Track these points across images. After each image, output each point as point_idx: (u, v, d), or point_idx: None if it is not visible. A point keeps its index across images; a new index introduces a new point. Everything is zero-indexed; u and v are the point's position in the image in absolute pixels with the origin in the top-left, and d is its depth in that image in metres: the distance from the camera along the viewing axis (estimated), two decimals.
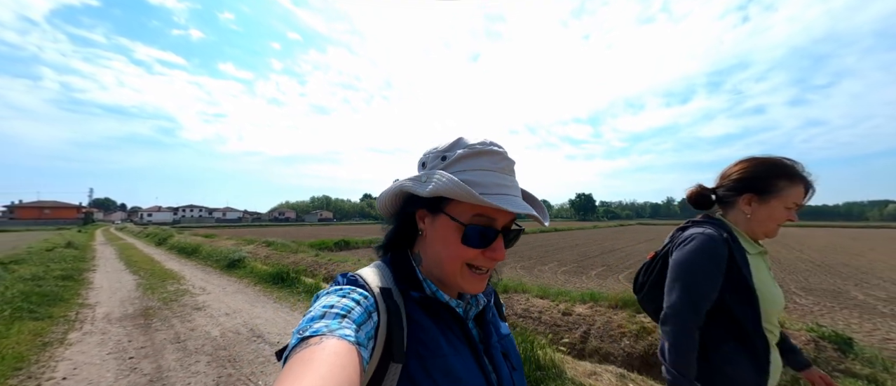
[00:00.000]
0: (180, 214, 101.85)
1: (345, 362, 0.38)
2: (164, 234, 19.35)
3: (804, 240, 24.74)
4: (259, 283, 6.92)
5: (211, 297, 5.91)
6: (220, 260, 9.60)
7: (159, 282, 7.26)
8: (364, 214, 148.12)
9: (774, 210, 1.04)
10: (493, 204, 0.52)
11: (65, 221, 72.28)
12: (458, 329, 0.58)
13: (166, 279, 7.57)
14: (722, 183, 1.15)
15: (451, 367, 0.53)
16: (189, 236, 17.89)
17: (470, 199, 0.52)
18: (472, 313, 0.63)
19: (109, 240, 21.53)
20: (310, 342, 0.39)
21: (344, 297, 0.49)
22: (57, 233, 27.29)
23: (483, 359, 0.59)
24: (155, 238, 18.76)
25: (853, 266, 11.74)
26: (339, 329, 0.42)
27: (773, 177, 1.04)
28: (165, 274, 8.31)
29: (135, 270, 8.93)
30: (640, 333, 4.55)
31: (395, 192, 0.61)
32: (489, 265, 0.58)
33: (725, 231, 1.06)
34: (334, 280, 0.56)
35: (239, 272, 8.13)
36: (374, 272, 0.58)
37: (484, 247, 0.56)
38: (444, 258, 0.57)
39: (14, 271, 7.20)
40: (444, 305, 0.58)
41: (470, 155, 0.57)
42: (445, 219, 0.57)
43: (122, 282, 7.41)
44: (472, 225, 0.55)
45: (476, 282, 0.58)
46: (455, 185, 0.52)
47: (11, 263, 8.20)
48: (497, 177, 0.57)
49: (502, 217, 0.57)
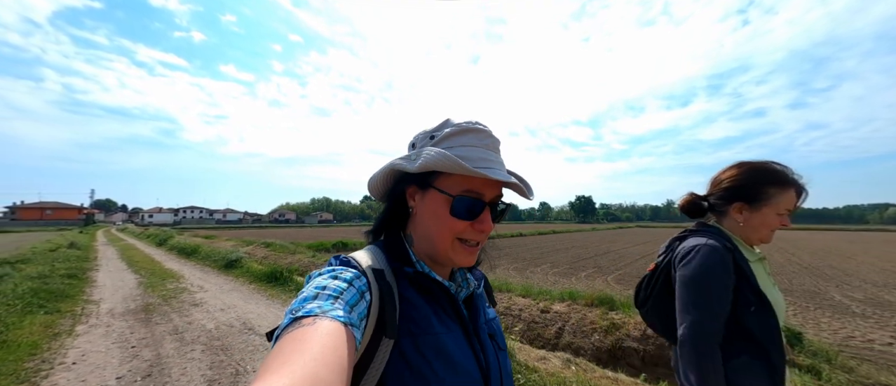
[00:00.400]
0: (181, 215, 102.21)
1: (337, 343, 0.38)
2: (164, 235, 19.73)
3: (800, 243, 24.99)
4: (254, 281, 7.27)
5: (208, 294, 6.26)
6: (218, 260, 9.95)
7: (159, 281, 7.61)
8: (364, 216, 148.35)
9: (766, 217, 1.03)
10: (480, 173, 0.54)
11: (66, 222, 72.71)
12: (449, 308, 0.59)
13: (166, 278, 7.93)
14: (713, 190, 1.14)
15: (443, 344, 0.54)
16: (189, 237, 18.27)
17: (458, 169, 0.54)
18: (463, 294, 0.64)
19: (111, 241, 21.92)
20: (303, 323, 0.39)
21: (336, 278, 0.49)
22: (58, 234, 27.67)
23: (473, 338, 0.60)
24: (155, 239, 19.14)
25: (840, 268, 11.98)
26: (331, 310, 0.42)
27: (763, 184, 1.03)
28: (165, 273, 8.66)
29: (136, 270, 9.28)
30: (610, 329, 4.88)
31: (386, 171, 0.63)
32: (478, 238, 0.59)
33: (725, 240, 1.04)
34: (328, 262, 0.57)
35: (236, 272, 8.48)
36: (367, 254, 0.59)
37: (472, 219, 0.58)
38: (434, 232, 0.59)
39: (21, 270, 7.55)
40: (437, 283, 0.59)
41: (457, 132, 0.60)
42: (435, 193, 0.58)
43: (124, 280, 7.76)
44: (460, 196, 0.57)
45: (466, 255, 0.59)
46: (443, 158, 0.54)
47: (18, 263, 8.55)
48: (483, 152, 0.59)
49: (489, 191, 0.59)
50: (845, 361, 4.05)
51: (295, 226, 79.18)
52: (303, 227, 70.63)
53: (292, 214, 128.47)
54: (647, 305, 1.18)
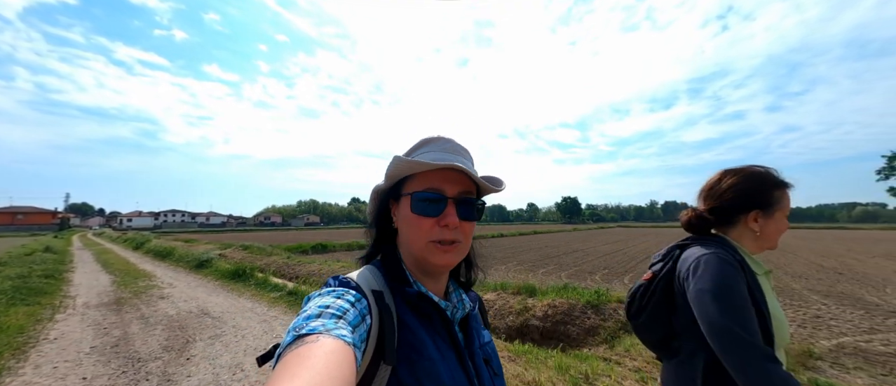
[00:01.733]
0: (162, 218, 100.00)
1: (341, 361, 0.37)
2: (141, 238, 20.04)
3: (792, 244, 23.30)
4: (220, 279, 8.08)
5: (175, 289, 7.06)
6: (191, 261, 10.64)
7: (132, 279, 8.32)
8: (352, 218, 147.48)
9: (779, 222, 1.02)
10: (427, 161, 0.56)
11: (39, 227, 70.37)
12: (444, 333, 0.60)
13: (139, 277, 8.64)
14: (716, 203, 1.07)
15: (438, 372, 0.54)
16: (166, 241, 18.67)
17: (410, 166, 0.58)
18: (459, 316, 0.65)
19: (86, 245, 22.04)
20: (306, 340, 0.39)
21: (339, 298, 0.50)
22: (32, 239, 27.37)
23: (468, 363, 0.60)
24: (132, 243, 19.47)
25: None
26: (335, 329, 0.42)
27: (773, 188, 1.02)
28: (138, 273, 9.35)
29: (110, 271, 9.91)
30: (522, 311, 5.86)
31: (372, 196, 0.67)
32: (448, 235, 0.59)
33: (732, 251, 0.99)
34: (325, 282, 0.56)
35: (205, 271, 9.23)
36: (366, 275, 0.59)
37: (435, 215, 0.59)
38: (410, 237, 0.60)
39: (0, 271, 8.10)
40: (435, 306, 0.60)
41: (420, 144, 0.65)
42: (404, 199, 0.61)
43: (99, 280, 8.44)
44: (418, 192, 0.59)
45: (442, 255, 0.59)
46: (398, 162, 0.58)
47: None
48: (442, 155, 0.62)
49: (450, 186, 0.60)
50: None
51: (281, 229, 78.19)
52: (289, 230, 70.00)
53: (278, 216, 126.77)
54: (642, 315, 1.10)
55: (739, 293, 0.91)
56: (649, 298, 1.09)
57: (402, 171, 0.60)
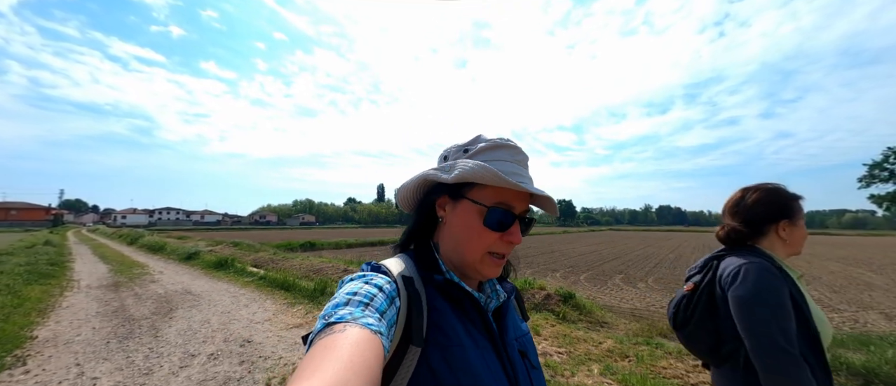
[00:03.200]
0: (156, 216, 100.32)
1: (366, 351, 0.38)
2: (135, 234, 21.11)
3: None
4: (205, 268, 9.27)
5: (165, 276, 8.25)
6: (180, 254, 11.80)
7: (127, 268, 9.49)
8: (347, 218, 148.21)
9: (802, 229, 1.12)
10: (517, 184, 0.56)
11: (33, 223, 70.71)
12: (478, 321, 0.59)
13: (133, 267, 9.81)
14: (746, 216, 1.15)
15: (470, 359, 0.53)
16: (158, 237, 19.71)
17: (496, 180, 0.56)
18: (492, 306, 0.64)
19: (82, 240, 23.08)
20: (334, 329, 0.41)
21: (367, 283, 0.50)
22: (26, 235, 28.26)
23: (503, 353, 0.59)
24: (127, 238, 20.55)
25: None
26: (362, 317, 0.43)
27: (793, 200, 1.12)
28: (133, 263, 10.51)
29: (107, 262, 11.06)
30: None
31: (419, 181, 0.65)
32: (506, 250, 0.60)
33: (769, 259, 1.05)
34: (360, 267, 0.57)
35: (192, 262, 10.41)
36: (398, 262, 0.60)
37: (503, 230, 0.59)
38: (465, 244, 0.60)
39: (10, 260, 9.23)
40: (466, 294, 0.59)
41: (490, 147, 0.62)
42: (468, 204, 0.60)
43: (98, 269, 9.60)
44: (494, 207, 0.58)
45: (494, 267, 0.60)
46: (482, 169, 0.57)
47: (4, 255, 10.16)
48: (515, 167, 0.62)
49: (519, 204, 0.61)
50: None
51: (275, 228, 78.60)
52: (284, 229, 70.45)
53: (273, 215, 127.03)
54: (688, 326, 1.14)
55: (778, 298, 0.95)
56: (693, 308, 1.13)
57: (483, 180, 0.57)
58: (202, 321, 4.58)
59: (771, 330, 0.92)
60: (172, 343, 3.80)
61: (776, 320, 0.93)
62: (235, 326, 4.42)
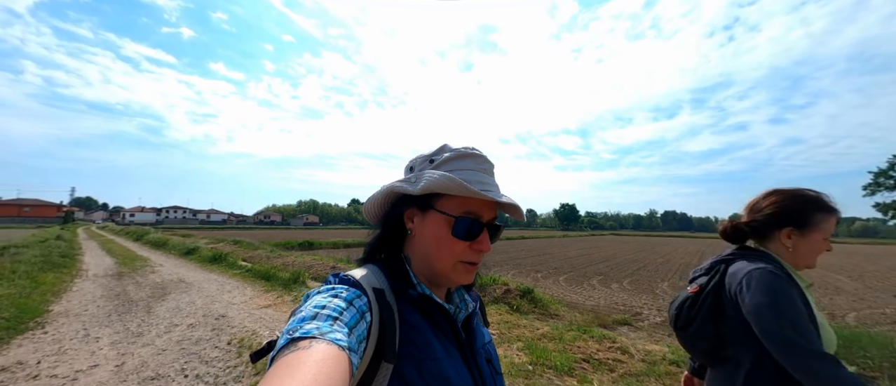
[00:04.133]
0: (164, 214, 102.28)
1: (332, 369, 0.37)
2: (141, 231, 22.18)
3: None
4: (201, 262, 10.12)
5: (164, 268, 9.09)
6: (181, 250, 12.68)
7: (131, 261, 10.37)
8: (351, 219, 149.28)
9: (814, 242, 1.05)
10: (483, 194, 0.57)
11: (44, 219, 72.52)
12: (449, 332, 0.60)
13: (136, 260, 10.69)
14: (754, 216, 1.13)
15: (443, 369, 0.54)
16: (163, 234, 20.69)
17: (461, 191, 0.57)
18: (462, 317, 0.66)
19: (91, 236, 24.23)
20: (299, 345, 0.39)
21: (336, 296, 0.49)
22: (41, 230, 29.49)
23: (472, 362, 0.61)
24: (133, 235, 21.63)
25: None
26: (330, 332, 0.41)
27: (813, 210, 1.05)
28: (136, 257, 11.40)
29: (113, 256, 11.98)
30: None
31: (385, 194, 0.65)
32: (477, 259, 0.61)
33: (777, 265, 1.03)
34: (326, 280, 0.56)
35: (191, 257, 11.27)
36: (367, 273, 0.59)
37: (471, 240, 0.60)
38: (434, 254, 0.60)
39: (25, 252, 10.11)
40: (438, 306, 0.59)
41: (456, 157, 0.63)
42: (435, 214, 0.60)
43: (105, 261, 10.50)
44: (460, 217, 0.59)
45: (467, 274, 0.62)
46: (447, 180, 0.57)
47: (21, 248, 11.05)
48: (481, 175, 0.63)
49: (487, 212, 0.62)
50: None
51: (279, 228, 79.52)
52: (288, 228, 71.43)
53: (278, 215, 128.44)
54: (690, 327, 1.13)
55: (794, 304, 0.94)
56: (697, 310, 1.12)
57: (448, 190, 0.58)
58: (189, 302, 5.39)
59: (794, 336, 0.91)
60: (161, 317, 4.60)
61: (796, 325, 0.92)
62: (215, 305, 5.22)
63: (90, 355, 3.30)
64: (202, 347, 3.56)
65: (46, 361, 3.13)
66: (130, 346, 3.55)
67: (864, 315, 7.36)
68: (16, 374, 2.88)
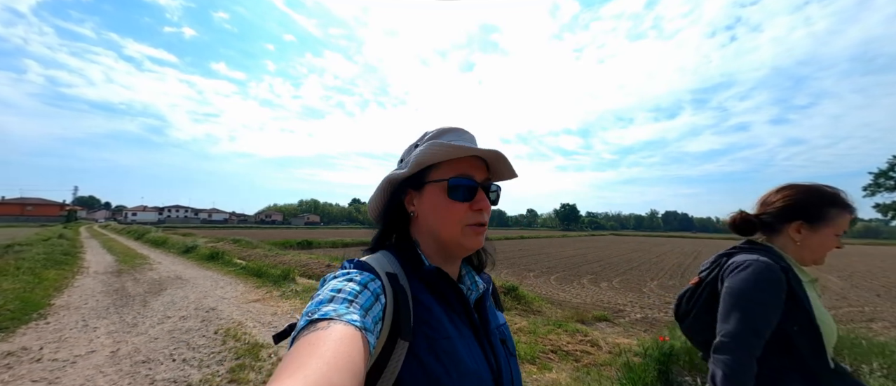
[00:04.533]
0: (166, 214, 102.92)
1: (350, 348, 0.38)
2: (142, 230, 22.52)
3: None
4: (198, 260, 10.40)
5: (162, 266, 9.37)
6: (179, 248, 12.98)
7: (130, 259, 10.67)
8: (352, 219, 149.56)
9: (825, 238, 1.04)
10: (462, 146, 0.60)
11: (47, 218, 73.01)
12: (461, 311, 0.61)
13: (136, 258, 10.98)
14: (765, 209, 1.13)
15: (456, 348, 0.55)
16: (163, 233, 21.01)
17: (443, 150, 0.60)
18: (473, 298, 0.67)
19: (93, 235, 24.57)
20: (318, 326, 0.40)
21: (351, 280, 0.51)
22: (42, 229, 29.88)
23: (484, 342, 0.62)
24: (134, 234, 21.96)
25: None
26: (346, 314, 0.43)
27: (826, 205, 1.04)
28: (136, 255, 11.69)
29: (114, 254, 12.28)
30: None
31: (383, 185, 0.68)
32: (480, 219, 0.63)
33: (779, 258, 1.03)
34: (342, 265, 0.58)
35: (189, 255, 11.57)
36: (380, 258, 0.60)
37: (469, 200, 0.62)
38: (439, 224, 0.62)
39: (29, 250, 10.40)
40: (451, 284, 0.61)
41: (437, 134, 0.68)
42: (430, 186, 0.63)
43: (105, 259, 10.80)
44: (453, 179, 0.61)
45: (476, 236, 0.63)
46: (430, 146, 0.60)
47: (25, 246, 11.35)
48: (461, 141, 0.66)
49: (477, 173, 0.64)
50: None
51: (280, 227, 79.74)
52: (289, 228, 71.78)
53: (279, 215, 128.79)
54: (689, 318, 1.17)
55: (765, 297, 0.95)
56: (695, 301, 1.15)
57: (437, 157, 0.61)
58: (183, 297, 5.67)
59: (741, 326, 0.93)
60: (156, 310, 4.88)
61: (752, 316, 0.94)
62: (207, 300, 5.49)
63: (88, 343, 3.57)
64: (191, 335, 3.83)
65: (48, 348, 3.41)
66: (125, 335, 3.82)
67: (842, 313, 7.58)
68: (21, 358, 3.15)
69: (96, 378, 2.80)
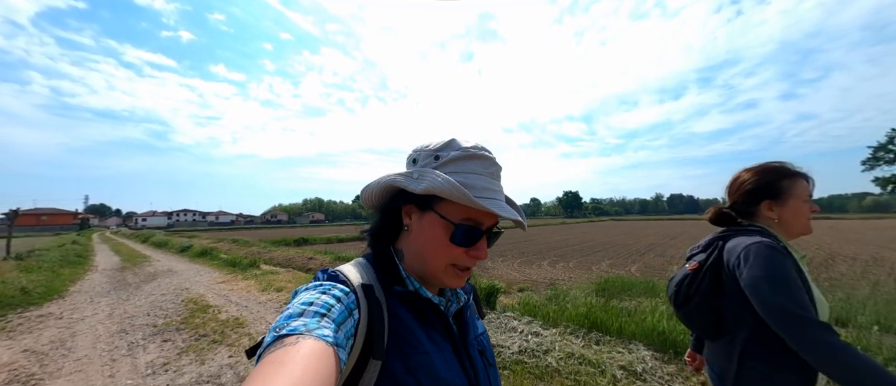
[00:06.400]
0: (174, 218, 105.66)
1: (320, 366, 0.37)
2: (148, 234, 24.55)
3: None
4: (191, 256, 12.10)
5: (159, 263, 11.04)
6: (178, 248, 14.63)
7: (134, 259, 12.40)
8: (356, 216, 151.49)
9: (796, 208, 1.09)
10: (487, 207, 0.55)
11: (61, 227, 75.66)
12: (440, 326, 0.60)
13: (139, 258, 12.71)
14: (737, 197, 1.18)
15: (433, 363, 0.54)
16: (166, 236, 22.83)
17: (465, 201, 0.54)
18: (453, 309, 0.65)
19: (104, 241, 26.70)
20: (285, 342, 0.39)
21: (324, 293, 0.49)
22: (56, 237, 32.09)
23: (463, 355, 0.61)
24: (140, 237, 24.08)
25: None
26: (317, 328, 0.41)
27: (779, 178, 1.11)
28: (139, 255, 13.44)
29: (120, 255, 14.06)
30: None
31: (384, 186, 0.63)
32: (471, 264, 0.60)
33: (773, 238, 1.06)
34: (314, 276, 0.55)
35: (185, 253, 13.30)
36: (356, 268, 0.59)
37: (469, 246, 0.58)
38: (429, 255, 0.59)
39: (47, 254, 12.14)
40: (427, 302, 0.59)
41: (462, 158, 0.60)
42: (434, 217, 0.58)
43: (112, 259, 12.56)
44: (461, 224, 0.57)
45: (458, 279, 0.60)
46: (452, 187, 0.54)
47: (44, 251, 13.13)
48: (486, 181, 0.60)
49: (488, 219, 0.59)
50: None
51: (285, 226, 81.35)
52: (293, 227, 73.55)
53: (284, 214, 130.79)
54: (690, 303, 1.16)
55: (791, 275, 0.96)
56: (696, 286, 1.15)
57: (451, 197, 0.55)
58: (168, 283, 7.31)
59: (790, 306, 0.93)
60: (145, 291, 6.50)
61: (792, 295, 0.94)
62: (186, 283, 7.11)
63: (93, 309, 5.18)
64: (164, 302, 5.41)
65: (66, 312, 5.02)
66: (119, 305, 5.42)
67: None
68: (48, 317, 4.77)
69: (97, 326, 4.35)
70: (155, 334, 4.00)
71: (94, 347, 3.68)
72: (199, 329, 4.13)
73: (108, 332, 4.14)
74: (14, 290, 5.89)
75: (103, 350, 3.57)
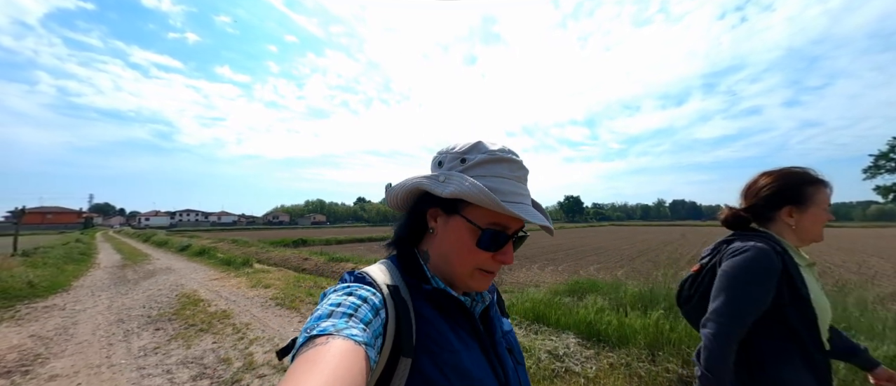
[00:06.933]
0: (177, 218, 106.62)
1: (350, 363, 0.38)
2: (149, 233, 25.11)
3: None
4: (190, 255, 12.52)
5: (159, 261, 11.47)
6: (177, 247, 15.09)
7: (135, 257, 12.85)
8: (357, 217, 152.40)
9: (815, 215, 1.09)
10: (515, 213, 0.55)
11: (66, 225, 76.77)
12: (466, 324, 0.60)
13: (138, 256, 13.16)
14: (752, 201, 1.17)
15: (462, 362, 0.54)
16: (166, 236, 23.41)
17: (493, 206, 0.54)
18: (479, 309, 0.65)
19: (107, 239, 27.30)
20: (316, 342, 0.40)
21: (350, 294, 0.50)
22: (61, 236, 32.73)
23: (491, 353, 0.61)
24: (142, 237, 24.60)
25: None
26: (346, 329, 0.43)
27: (802, 185, 1.10)
28: (140, 254, 13.89)
29: (122, 253, 14.52)
30: None
31: (411, 188, 0.62)
32: (497, 268, 0.60)
33: (776, 244, 1.06)
34: (341, 278, 0.56)
35: (184, 252, 13.72)
36: (382, 269, 0.59)
37: (495, 250, 0.58)
38: (455, 259, 0.59)
39: (52, 252, 12.62)
40: (454, 300, 0.59)
41: (490, 161, 0.59)
42: (461, 221, 0.58)
43: (114, 257, 13.01)
44: (487, 229, 0.57)
45: (484, 282, 0.60)
46: (479, 192, 0.54)
47: (49, 248, 13.61)
48: (514, 185, 0.60)
49: (514, 224, 0.59)
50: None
51: (287, 227, 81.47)
52: (294, 228, 73.69)
53: (286, 215, 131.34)
54: (690, 303, 1.22)
55: (752, 279, 0.99)
56: (697, 287, 1.19)
57: (479, 202, 0.55)
58: (165, 279, 7.74)
59: (727, 308, 0.98)
60: (143, 287, 6.93)
61: (738, 299, 0.98)
62: (181, 280, 7.54)
63: (94, 302, 5.61)
64: (159, 296, 5.84)
65: (69, 304, 5.46)
66: (118, 298, 5.85)
67: None
68: (53, 308, 5.20)
69: (97, 316, 4.77)
70: (149, 324, 4.40)
71: (93, 333, 4.09)
72: (189, 320, 4.54)
73: (107, 321, 4.55)
74: (22, 283, 6.34)
75: (101, 336, 3.98)
